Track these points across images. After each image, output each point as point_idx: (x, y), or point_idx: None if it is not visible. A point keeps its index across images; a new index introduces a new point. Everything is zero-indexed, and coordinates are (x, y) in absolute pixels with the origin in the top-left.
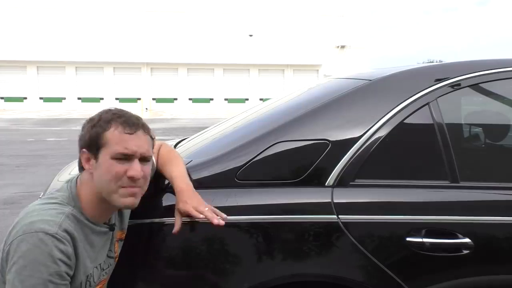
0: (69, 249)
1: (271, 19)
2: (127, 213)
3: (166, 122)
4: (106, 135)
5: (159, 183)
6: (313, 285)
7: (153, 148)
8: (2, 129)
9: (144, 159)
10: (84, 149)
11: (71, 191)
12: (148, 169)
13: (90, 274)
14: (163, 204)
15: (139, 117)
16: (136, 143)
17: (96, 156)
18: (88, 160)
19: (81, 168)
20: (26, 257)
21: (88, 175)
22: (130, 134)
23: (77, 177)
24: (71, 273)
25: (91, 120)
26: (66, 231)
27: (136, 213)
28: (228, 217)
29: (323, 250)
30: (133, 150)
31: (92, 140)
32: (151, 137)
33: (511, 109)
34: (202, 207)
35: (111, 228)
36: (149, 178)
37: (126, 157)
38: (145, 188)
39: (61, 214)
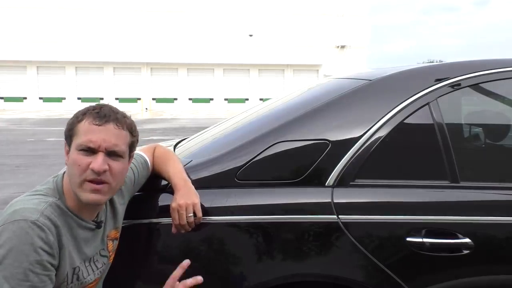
0: (51, 238)
1: (271, 19)
2: (121, 212)
3: (166, 122)
4: (78, 126)
5: (157, 184)
6: (313, 285)
7: (133, 148)
8: (2, 129)
9: (113, 153)
10: (65, 142)
11: (56, 185)
12: (117, 165)
13: (78, 267)
14: (161, 204)
15: (120, 112)
16: (102, 135)
17: (69, 148)
18: (67, 152)
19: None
20: (6, 245)
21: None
22: (98, 125)
23: (64, 172)
24: (55, 263)
25: (74, 114)
26: (48, 218)
27: (134, 213)
28: (228, 217)
29: (323, 250)
30: (96, 143)
31: (67, 131)
32: (131, 133)
33: (511, 109)
34: (182, 209)
35: (98, 225)
36: (120, 176)
37: (91, 150)
38: (115, 186)
39: (44, 202)
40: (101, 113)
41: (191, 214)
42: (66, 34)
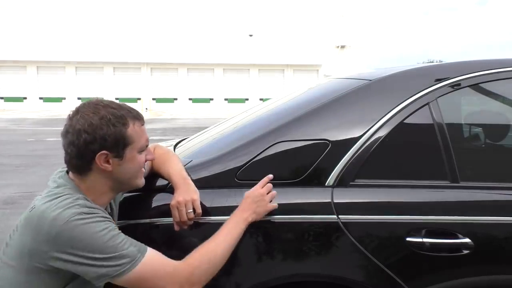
0: (106, 214)
1: (271, 19)
2: (115, 208)
3: (166, 122)
4: (129, 132)
5: (157, 184)
6: (313, 285)
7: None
8: (2, 129)
9: None
10: (103, 151)
11: (69, 183)
12: None
13: None
14: (161, 204)
15: None
16: (146, 132)
17: (119, 155)
18: (106, 160)
19: (87, 170)
20: (81, 237)
21: (99, 173)
22: (143, 125)
23: (66, 172)
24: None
25: (101, 119)
26: (92, 207)
27: (134, 213)
28: (228, 217)
29: (323, 250)
30: (148, 139)
31: (116, 140)
32: None
33: (511, 109)
34: (181, 205)
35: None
36: None
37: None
38: None
39: (77, 199)
40: (138, 114)
41: (191, 210)
42: (66, 34)
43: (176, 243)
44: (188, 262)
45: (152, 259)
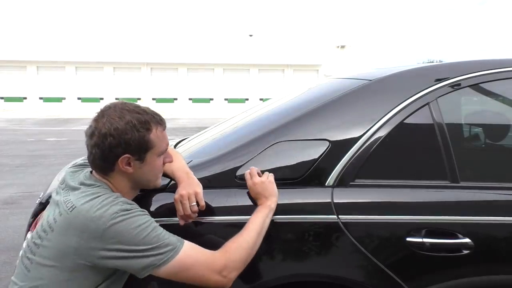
0: (144, 209)
1: (271, 19)
2: None
3: (166, 122)
4: (151, 137)
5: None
6: (313, 285)
7: None
8: (2, 129)
9: None
10: (126, 155)
11: (103, 185)
12: None
13: None
14: (163, 204)
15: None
16: (167, 136)
17: (141, 158)
18: (128, 163)
19: (109, 170)
20: (126, 231)
21: (120, 175)
22: (165, 129)
23: (92, 176)
24: None
25: (126, 124)
26: (131, 204)
27: None
28: (228, 217)
29: (323, 250)
30: (168, 143)
31: (140, 145)
32: None
33: (511, 109)
34: (185, 199)
35: None
36: None
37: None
38: None
39: (117, 197)
40: (161, 119)
41: (194, 203)
42: (66, 34)
43: None
44: (224, 250)
45: (191, 247)
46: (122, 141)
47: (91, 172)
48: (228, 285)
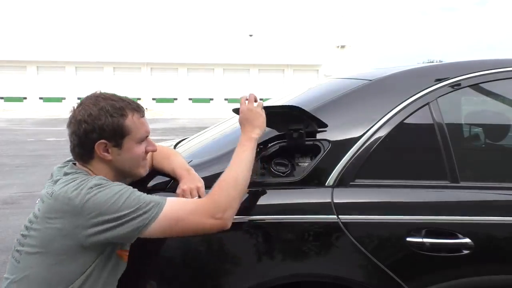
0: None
1: (271, 19)
2: None
3: (166, 122)
4: (126, 123)
5: (157, 183)
6: (313, 285)
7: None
8: (2, 129)
9: None
10: (102, 140)
11: (81, 171)
12: None
13: None
14: None
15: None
16: (147, 124)
17: (118, 144)
18: (105, 149)
19: (88, 158)
20: (108, 201)
21: (100, 162)
22: (143, 117)
23: (73, 166)
24: None
25: (100, 110)
26: (107, 180)
27: None
28: None
29: (323, 250)
30: (149, 131)
31: (114, 130)
32: None
33: (511, 109)
34: (186, 193)
35: None
36: None
37: (146, 138)
38: None
39: (93, 177)
40: (137, 106)
41: (196, 197)
42: (66, 34)
43: (177, 243)
44: (210, 193)
45: (176, 200)
46: (96, 127)
47: (74, 163)
48: (226, 225)
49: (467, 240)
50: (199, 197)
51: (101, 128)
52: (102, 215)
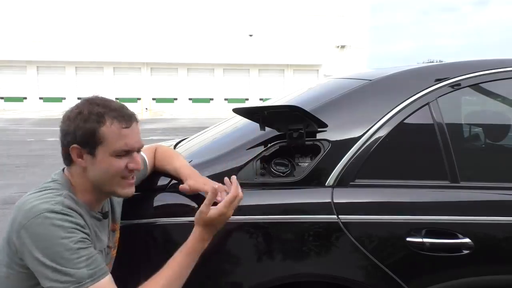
0: (80, 221)
1: (271, 19)
2: (117, 205)
3: (166, 122)
4: (103, 131)
5: (158, 183)
6: (313, 285)
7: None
8: (2, 129)
9: (139, 149)
10: (75, 145)
11: (62, 179)
12: (140, 157)
13: (100, 252)
14: (162, 204)
15: (125, 106)
16: (134, 138)
17: (91, 152)
18: (80, 155)
19: (69, 161)
20: (44, 238)
21: (79, 168)
22: (127, 128)
23: (63, 169)
24: (90, 240)
25: (78, 113)
26: (69, 207)
27: (136, 213)
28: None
29: (323, 250)
30: (132, 146)
31: (86, 136)
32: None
33: (511, 109)
34: (208, 186)
35: (105, 216)
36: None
37: (126, 153)
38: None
39: (60, 195)
40: (124, 114)
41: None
42: (66, 34)
43: (177, 243)
44: None
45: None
46: (71, 130)
47: (63, 169)
48: None
49: (467, 240)
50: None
51: (74, 132)
52: (32, 246)
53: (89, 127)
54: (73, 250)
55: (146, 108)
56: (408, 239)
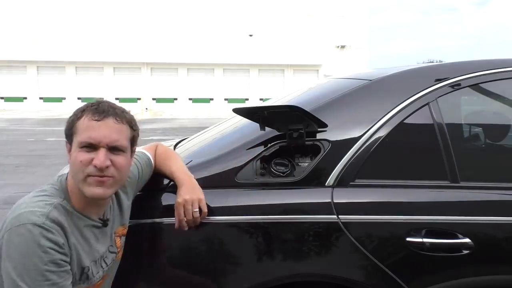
0: (59, 239)
1: (271, 19)
2: (127, 209)
3: (166, 122)
4: (78, 124)
5: (159, 183)
6: (313, 285)
7: (134, 142)
8: (2, 129)
9: (114, 148)
10: (66, 141)
11: (61, 184)
12: (121, 159)
13: (88, 267)
14: (163, 204)
15: (119, 107)
16: (102, 131)
17: (70, 146)
18: (68, 150)
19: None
20: (18, 250)
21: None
22: (98, 121)
23: (63, 175)
24: (68, 260)
25: (72, 113)
26: (54, 221)
27: (136, 213)
28: (228, 217)
29: (323, 250)
30: (97, 139)
31: (67, 129)
32: (131, 128)
33: (511, 109)
34: (188, 204)
35: (104, 223)
36: (125, 170)
37: (92, 146)
38: (120, 179)
39: (49, 205)
40: (99, 109)
41: (197, 210)
42: (66, 34)
43: (177, 243)
44: None
45: None
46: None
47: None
48: None
49: (467, 240)
50: (200, 210)
51: (66, 126)
52: (6, 259)
53: (70, 120)
54: (40, 271)
55: (146, 108)
56: (408, 239)
